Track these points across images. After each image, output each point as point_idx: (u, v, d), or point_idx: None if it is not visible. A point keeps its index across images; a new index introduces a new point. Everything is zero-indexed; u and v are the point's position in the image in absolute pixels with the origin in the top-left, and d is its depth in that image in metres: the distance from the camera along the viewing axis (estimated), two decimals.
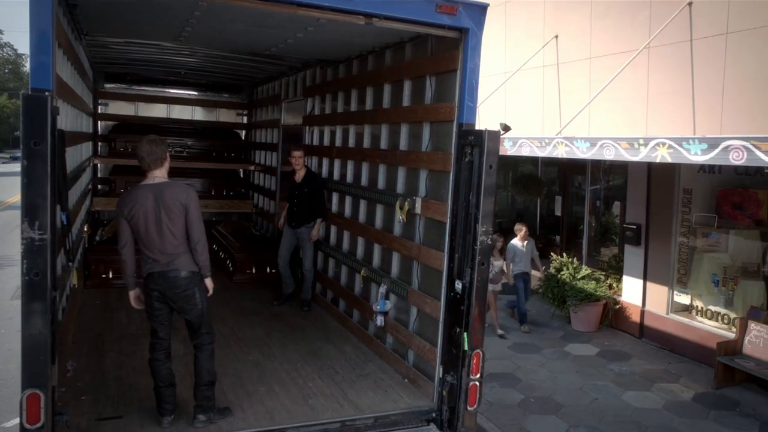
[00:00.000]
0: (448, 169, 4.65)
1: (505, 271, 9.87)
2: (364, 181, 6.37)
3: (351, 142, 6.78)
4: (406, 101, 5.56)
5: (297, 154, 7.14)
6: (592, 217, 11.54)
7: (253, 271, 8.44)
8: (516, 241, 9.88)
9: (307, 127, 8.07)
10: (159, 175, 4.18)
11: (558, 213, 13.27)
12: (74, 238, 6.19)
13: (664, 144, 6.07)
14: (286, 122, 9.24)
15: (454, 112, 4.60)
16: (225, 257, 8.95)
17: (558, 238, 13.31)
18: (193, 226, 4.13)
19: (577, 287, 9.81)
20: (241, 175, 11.62)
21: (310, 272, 7.25)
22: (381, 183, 6.02)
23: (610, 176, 11.44)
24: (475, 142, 4.30)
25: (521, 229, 9.87)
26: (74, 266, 5.65)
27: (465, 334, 4.29)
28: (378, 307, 5.59)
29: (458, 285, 4.38)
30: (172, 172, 4.33)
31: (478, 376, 4.33)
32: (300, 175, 7.21)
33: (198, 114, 11.32)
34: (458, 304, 4.37)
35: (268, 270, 8.44)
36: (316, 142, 7.88)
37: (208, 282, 4.31)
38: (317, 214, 7.15)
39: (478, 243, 4.21)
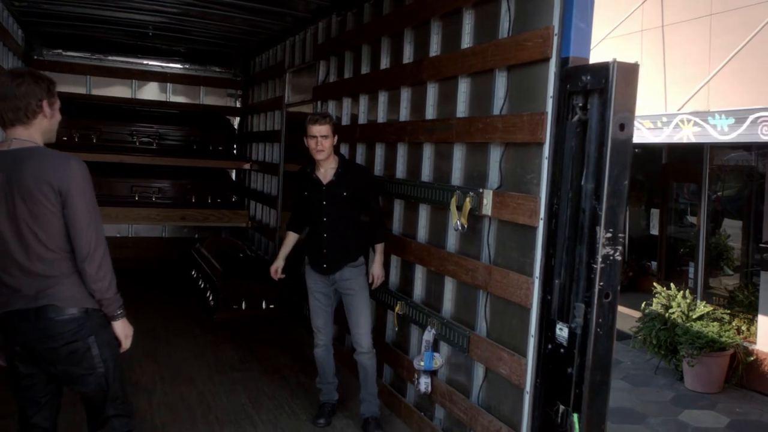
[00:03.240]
0: (539, 138, 3.75)
1: None
2: (400, 171, 5.56)
3: (381, 116, 5.95)
4: (466, 41, 4.65)
5: (319, 129, 4.68)
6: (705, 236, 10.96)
7: (243, 306, 7.70)
8: None
9: (320, 102, 7.37)
10: (25, 137, 2.94)
11: (654, 231, 13.03)
12: None
13: None
14: (292, 101, 8.76)
15: (550, 43, 3.64)
16: (205, 287, 8.30)
17: (654, 264, 13.03)
18: (78, 226, 2.90)
19: (694, 330, 9.05)
20: (233, 177, 11.38)
21: (371, 357, 4.93)
22: (426, 172, 5.17)
23: (720, 183, 10.81)
24: (593, 85, 3.31)
25: None
26: None
27: (575, 417, 3.39)
28: (422, 364, 4.82)
29: (562, 331, 3.51)
30: (140, 171, 3.09)
31: None
32: (327, 170, 4.84)
33: (175, 93, 10.91)
34: (562, 364, 3.50)
35: (263, 305, 7.76)
36: None
37: (119, 327, 3.09)
38: (374, 237, 5.07)
39: (599, 258, 3.22)
